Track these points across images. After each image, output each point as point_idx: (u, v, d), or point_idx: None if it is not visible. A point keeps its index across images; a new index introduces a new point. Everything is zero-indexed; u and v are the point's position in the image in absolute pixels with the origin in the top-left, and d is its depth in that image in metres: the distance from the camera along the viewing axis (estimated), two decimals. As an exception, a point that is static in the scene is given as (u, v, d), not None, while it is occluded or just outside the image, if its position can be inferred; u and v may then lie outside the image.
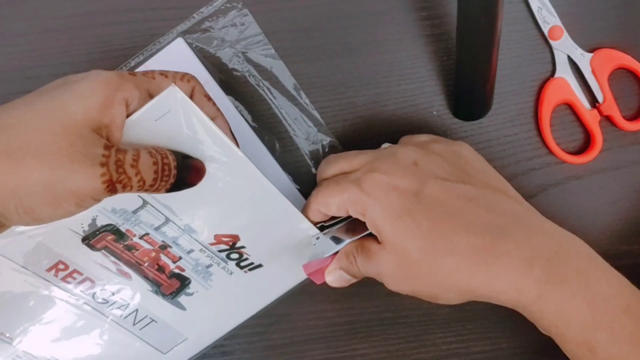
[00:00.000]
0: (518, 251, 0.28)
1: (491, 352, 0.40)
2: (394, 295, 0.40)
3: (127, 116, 0.28)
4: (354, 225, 0.34)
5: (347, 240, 0.34)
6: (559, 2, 0.40)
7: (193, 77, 0.31)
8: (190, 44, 0.39)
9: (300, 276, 0.37)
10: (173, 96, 0.28)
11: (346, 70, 0.40)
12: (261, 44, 0.39)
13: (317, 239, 0.35)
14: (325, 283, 0.35)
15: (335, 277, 0.34)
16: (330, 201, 0.32)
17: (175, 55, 0.38)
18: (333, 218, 0.35)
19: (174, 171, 0.28)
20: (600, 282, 0.29)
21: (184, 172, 0.29)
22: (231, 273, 0.36)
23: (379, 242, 0.31)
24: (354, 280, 0.34)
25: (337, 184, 0.32)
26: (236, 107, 0.39)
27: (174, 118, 0.29)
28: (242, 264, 0.36)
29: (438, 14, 0.41)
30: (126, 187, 0.26)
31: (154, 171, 0.27)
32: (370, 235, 0.33)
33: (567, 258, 0.29)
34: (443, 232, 0.29)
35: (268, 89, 0.40)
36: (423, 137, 0.35)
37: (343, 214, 0.33)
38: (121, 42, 0.40)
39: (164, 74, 0.30)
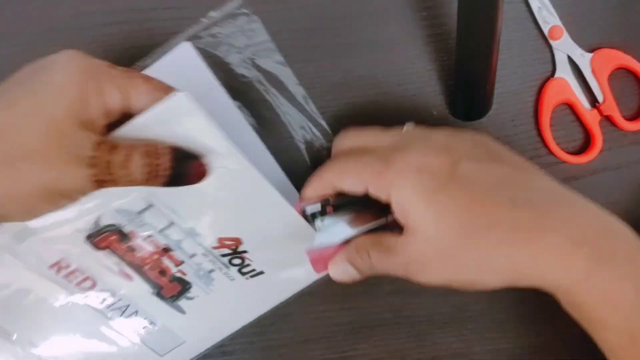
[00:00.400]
0: (565, 228, 0.27)
1: (492, 352, 0.40)
2: (394, 295, 0.40)
3: (127, 116, 0.28)
4: (360, 215, 0.32)
5: (356, 230, 0.32)
6: (559, 2, 0.41)
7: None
8: (198, 49, 0.39)
9: (300, 284, 0.37)
10: (181, 101, 0.28)
11: (346, 70, 0.41)
12: (269, 51, 0.39)
13: (321, 222, 0.33)
14: (325, 275, 0.34)
15: (340, 270, 0.32)
16: (348, 175, 0.31)
17: (182, 58, 0.38)
18: (336, 198, 0.33)
19: (167, 172, 0.28)
20: None
21: (183, 170, 0.29)
22: (232, 279, 0.36)
23: (397, 235, 0.30)
24: (358, 278, 0.32)
25: (359, 158, 0.31)
26: (242, 113, 0.39)
27: (181, 123, 0.29)
28: (244, 270, 0.36)
29: (438, 14, 0.41)
30: (116, 184, 0.27)
31: (146, 172, 0.27)
32: (384, 228, 0.31)
33: (615, 238, 0.28)
34: (484, 206, 0.28)
35: (275, 95, 0.40)
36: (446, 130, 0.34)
37: (358, 191, 0.31)
38: (121, 43, 0.40)
39: (146, 77, 0.29)
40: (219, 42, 0.39)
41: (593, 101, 0.41)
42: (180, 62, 0.38)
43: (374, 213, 0.32)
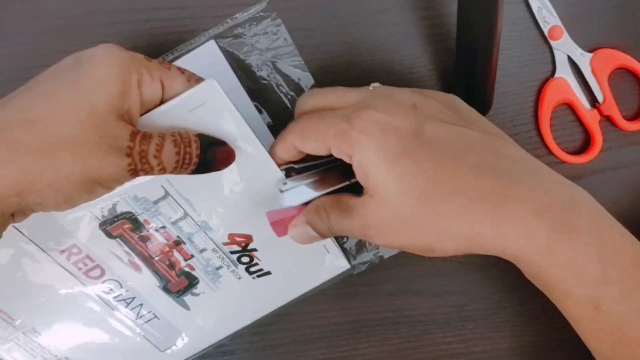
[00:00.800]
0: (529, 196, 0.27)
1: (492, 352, 0.41)
2: (394, 295, 0.41)
3: (157, 103, 0.29)
4: (325, 177, 0.32)
5: (319, 193, 0.31)
6: (559, 2, 0.41)
7: None
8: (221, 48, 0.39)
9: (304, 288, 0.38)
10: (211, 89, 0.29)
11: (346, 70, 0.41)
12: (291, 55, 0.40)
13: (284, 184, 0.32)
14: (331, 279, 0.35)
15: (299, 232, 0.32)
16: (311, 136, 0.30)
17: (206, 57, 0.39)
18: (304, 161, 0.33)
19: (195, 159, 0.29)
20: (612, 235, 0.27)
21: (210, 156, 0.30)
22: (239, 278, 0.36)
23: (357, 196, 0.29)
24: (319, 239, 0.32)
25: (322, 118, 0.30)
26: (260, 115, 0.40)
27: (208, 111, 0.30)
28: (252, 269, 0.36)
29: (438, 14, 0.41)
30: (147, 173, 0.28)
31: (175, 160, 0.28)
32: (345, 190, 0.31)
33: (579, 208, 0.27)
34: (448, 173, 0.27)
35: (293, 99, 0.40)
36: (415, 89, 0.33)
37: (321, 153, 0.30)
38: (122, 42, 0.40)
39: (181, 69, 0.30)
40: (242, 43, 0.40)
41: (593, 101, 0.41)
42: (204, 60, 0.39)
43: (339, 176, 0.32)
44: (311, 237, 0.32)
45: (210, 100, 0.30)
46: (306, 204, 0.32)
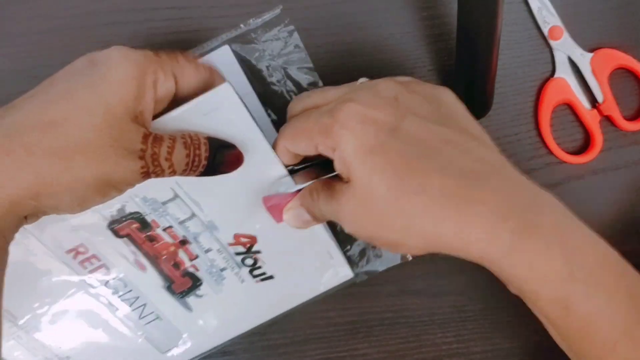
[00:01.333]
0: (493, 199, 0.27)
1: (491, 352, 0.41)
2: (394, 296, 0.41)
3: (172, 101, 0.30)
4: (323, 170, 0.32)
5: (314, 181, 0.32)
6: (559, 2, 0.41)
7: (215, 70, 0.32)
8: (234, 52, 0.40)
9: (306, 296, 0.38)
10: (226, 93, 0.30)
11: (346, 71, 0.41)
12: (302, 61, 0.40)
13: (282, 179, 0.33)
14: (332, 287, 0.35)
15: (293, 215, 0.33)
16: (299, 136, 0.31)
17: (220, 61, 0.39)
18: (305, 161, 0.33)
19: (203, 162, 0.30)
20: (575, 235, 0.27)
21: (219, 159, 0.30)
22: (242, 281, 0.37)
23: (344, 182, 0.30)
24: (313, 223, 0.33)
25: (307, 117, 0.31)
26: (270, 119, 0.40)
27: (221, 115, 0.30)
28: (255, 272, 0.36)
29: (438, 14, 0.41)
30: (159, 175, 0.28)
31: (185, 163, 0.29)
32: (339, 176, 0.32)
33: (542, 210, 0.28)
34: (415, 171, 0.28)
35: None
36: (404, 78, 0.33)
37: (312, 152, 0.31)
38: (123, 43, 0.40)
39: (186, 57, 0.30)
40: (254, 48, 0.40)
41: (593, 101, 0.41)
42: (217, 64, 0.38)
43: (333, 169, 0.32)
44: (305, 220, 0.33)
45: (224, 104, 0.30)
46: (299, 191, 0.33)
